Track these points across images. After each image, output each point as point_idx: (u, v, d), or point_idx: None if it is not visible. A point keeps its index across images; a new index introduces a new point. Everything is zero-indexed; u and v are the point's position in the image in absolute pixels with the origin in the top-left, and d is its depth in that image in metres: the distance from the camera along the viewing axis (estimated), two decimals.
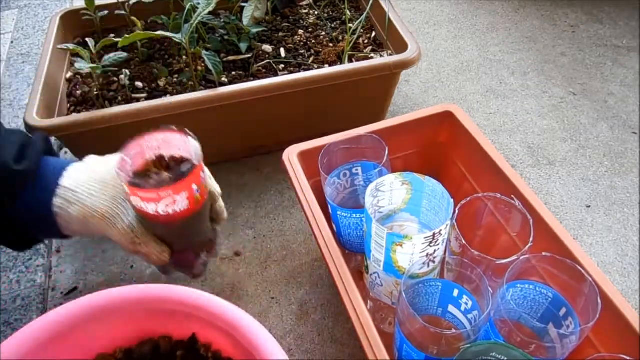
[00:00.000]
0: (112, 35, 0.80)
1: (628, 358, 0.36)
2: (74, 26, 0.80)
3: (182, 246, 0.52)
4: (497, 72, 0.90)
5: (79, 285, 0.62)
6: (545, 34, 0.98)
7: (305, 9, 0.87)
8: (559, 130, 0.79)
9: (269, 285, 0.61)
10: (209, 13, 0.66)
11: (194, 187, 0.46)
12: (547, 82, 0.88)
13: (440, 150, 0.61)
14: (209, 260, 0.57)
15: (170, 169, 0.48)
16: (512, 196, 0.46)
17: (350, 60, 0.75)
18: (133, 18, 0.75)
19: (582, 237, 0.65)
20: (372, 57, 0.74)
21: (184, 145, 0.48)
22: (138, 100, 0.69)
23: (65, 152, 0.80)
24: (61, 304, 0.60)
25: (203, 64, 0.72)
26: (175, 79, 0.73)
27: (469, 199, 0.46)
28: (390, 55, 0.74)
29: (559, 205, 0.68)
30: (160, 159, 0.48)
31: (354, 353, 0.55)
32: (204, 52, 0.65)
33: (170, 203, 0.44)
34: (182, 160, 0.48)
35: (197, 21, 0.63)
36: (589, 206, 0.68)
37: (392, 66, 0.67)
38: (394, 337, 0.45)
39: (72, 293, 0.62)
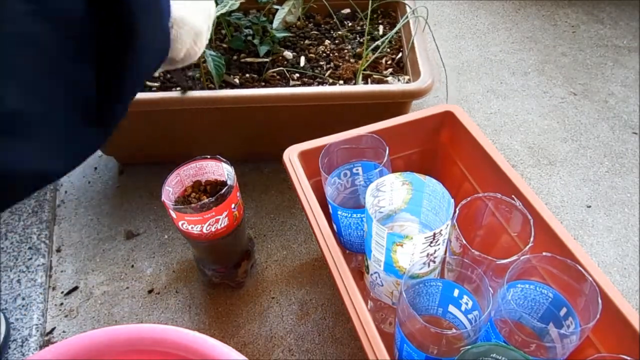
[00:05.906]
0: None
1: (628, 358, 0.36)
2: None
3: (225, 258, 0.58)
4: (498, 72, 0.90)
5: (80, 284, 0.62)
6: (545, 34, 0.98)
7: (341, 18, 0.83)
8: (560, 131, 0.79)
9: (269, 285, 0.61)
10: (238, 11, 0.64)
11: (232, 205, 0.51)
12: (548, 82, 0.88)
13: (441, 150, 0.61)
14: (249, 268, 0.61)
15: (207, 192, 0.54)
16: (513, 196, 0.46)
17: (365, 80, 0.71)
18: None
19: (583, 237, 0.65)
20: (386, 80, 0.71)
21: (217, 169, 0.54)
22: (150, 89, 0.70)
23: None
24: (62, 304, 0.60)
25: None
26: (190, 73, 0.72)
27: (469, 199, 0.46)
28: (408, 81, 0.69)
29: (560, 205, 0.68)
30: (197, 184, 0.54)
31: (354, 353, 0.55)
32: (209, 52, 0.64)
33: (213, 223, 0.50)
34: (217, 183, 0.54)
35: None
36: (590, 206, 0.68)
37: (398, 95, 0.62)
38: (394, 337, 0.45)
39: (72, 292, 0.62)
